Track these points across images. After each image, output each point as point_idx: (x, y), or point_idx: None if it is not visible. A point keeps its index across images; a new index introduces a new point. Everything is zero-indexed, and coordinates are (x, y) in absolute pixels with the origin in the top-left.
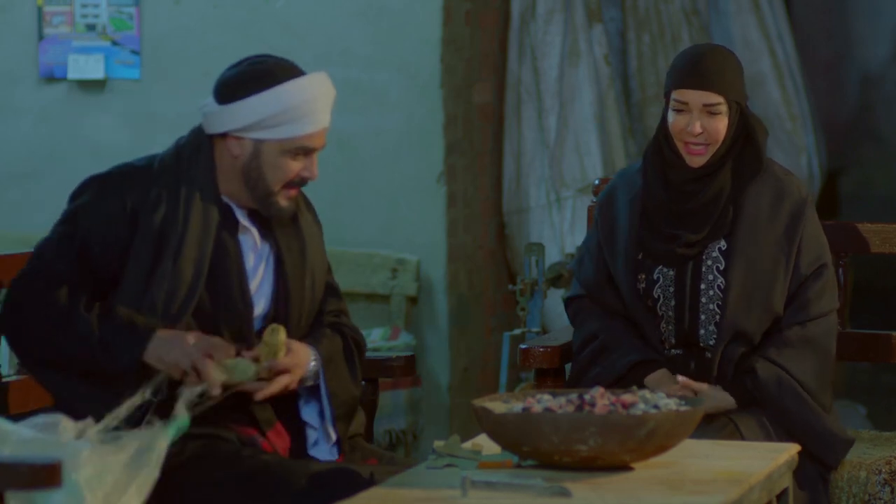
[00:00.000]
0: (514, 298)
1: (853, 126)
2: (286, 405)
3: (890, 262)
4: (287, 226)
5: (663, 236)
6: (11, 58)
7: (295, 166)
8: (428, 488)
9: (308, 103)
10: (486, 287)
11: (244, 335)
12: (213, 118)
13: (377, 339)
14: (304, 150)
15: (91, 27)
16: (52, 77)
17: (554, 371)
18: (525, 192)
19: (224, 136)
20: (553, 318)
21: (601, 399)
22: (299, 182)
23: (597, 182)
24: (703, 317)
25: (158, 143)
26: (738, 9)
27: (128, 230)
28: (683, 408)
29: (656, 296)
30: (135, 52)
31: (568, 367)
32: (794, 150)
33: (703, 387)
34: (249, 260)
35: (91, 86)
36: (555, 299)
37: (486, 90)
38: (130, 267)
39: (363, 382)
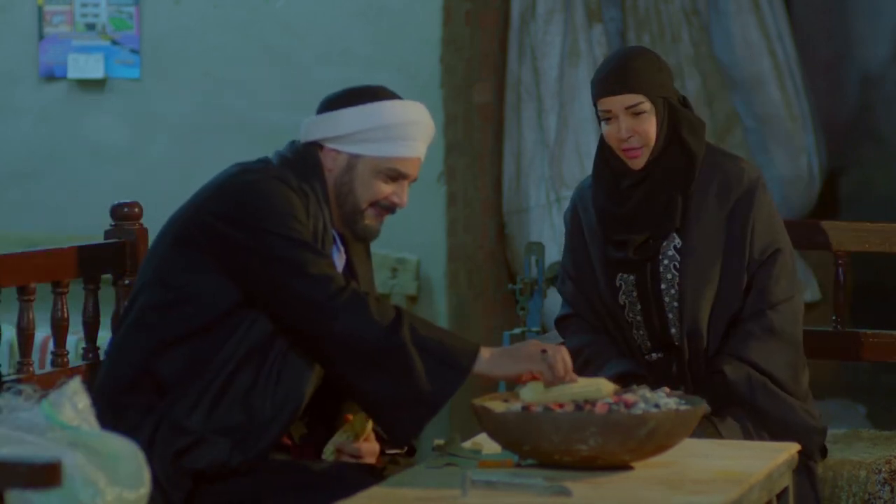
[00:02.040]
0: (513, 298)
1: (853, 126)
2: (323, 428)
3: (890, 262)
4: (359, 251)
5: (615, 243)
6: (11, 57)
7: (385, 189)
8: (428, 488)
9: (407, 126)
10: (486, 287)
11: None
12: (311, 126)
13: None
14: (396, 174)
15: (91, 27)
16: (52, 76)
17: None
18: (525, 192)
19: (321, 148)
20: (553, 317)
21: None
22: (387, 206)
23: None
24: (670, 316)
25: (158, 142)
26: (738, 9)
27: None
28: (683, 407)
29: (622, 303)
30: (134, 52)
31: None
32: (794, 150)
33: None
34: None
35: (91, 85)
36: (555, 299)
37: (486, 90)
38: None
39: None
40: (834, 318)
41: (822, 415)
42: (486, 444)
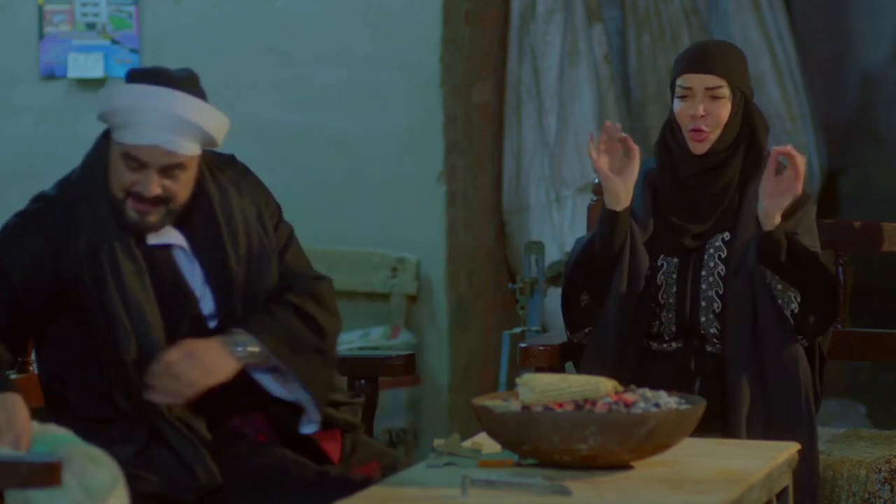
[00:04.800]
0: (513, 297)
1: (853, 126)
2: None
3: (890, 261)
4: (197, 216)
5: (671, 227)
6: (12, 57)
7: (128, 176)
8: (428, 487)
9: (134, 112)
10: (485, 286)
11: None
12: None
13: (377, 337)
14: (132, 161)
15: (91, 26)
16: (52, 76)
17: (554, 370)
18: (525, 192)
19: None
20: (553, 316)
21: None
22: (137, 195)
23: (596, 181)
24: (703, 304)
25: None
26: (738, 8)
27: (53, 266)
28: (684, 407)
29: (659, 283)
30: (134, 51)
31: (567, 365)
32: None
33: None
34: (184, 263)
35: (90, 85)
36: (555, 298)
37: (486, 90)
38: (74, 303)
39: (362, 380)
40: None
41: (822, 414)
42: (486, 443)
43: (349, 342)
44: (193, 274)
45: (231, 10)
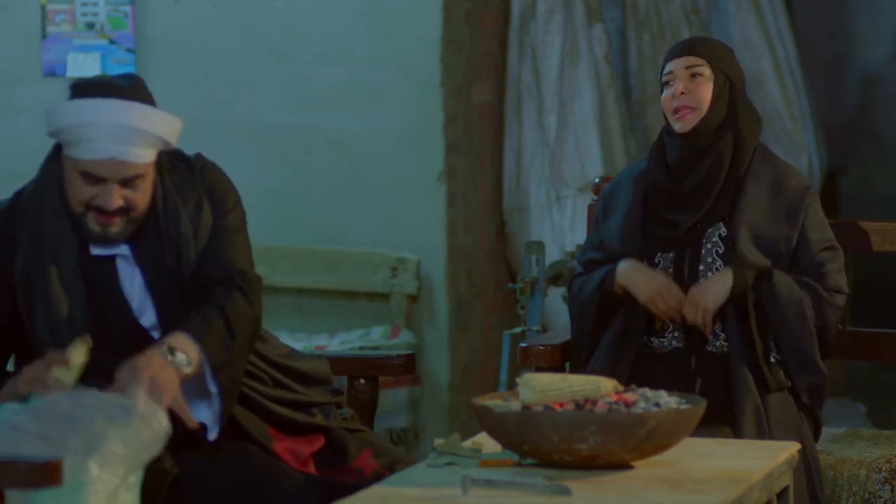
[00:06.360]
0: (514, 297)
1: (853, 126)
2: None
3: (890, 261)
4: (145, 230)
5: (664, 222)
6: (14, 56)
7: (88, 191)
8: (428, 487)
9: (84, 128)
10: (486, 286)
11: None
12: None
13: (377, 337)
14: (89, 176)
15: (90, 26)
16: (54, 75)
17: (554, 370)
18: (525, 191)
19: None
20: (553, 316)
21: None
22: (99, 208)
23: (597, 181)
24: None
25: None
26: (738, 8)
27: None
28: (684, 406)
29: None
30: (130, 51)
31: (568, 365)
32: (794, 150)
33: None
34: (125, 272)
35: None
36: (555, 298)
37: (486, 90)
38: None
39: (362, 380)
40: None
41: (823, 414)
42: (486, 443)
43: (349, 342)
44: (133, 284)
45: (231, 10)
